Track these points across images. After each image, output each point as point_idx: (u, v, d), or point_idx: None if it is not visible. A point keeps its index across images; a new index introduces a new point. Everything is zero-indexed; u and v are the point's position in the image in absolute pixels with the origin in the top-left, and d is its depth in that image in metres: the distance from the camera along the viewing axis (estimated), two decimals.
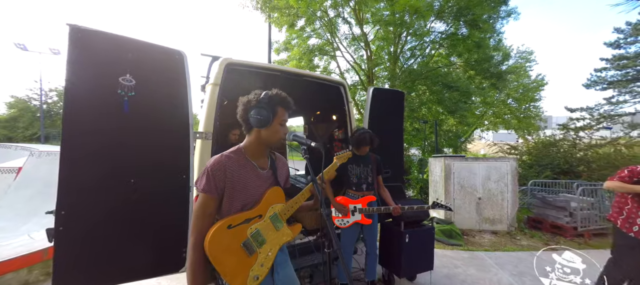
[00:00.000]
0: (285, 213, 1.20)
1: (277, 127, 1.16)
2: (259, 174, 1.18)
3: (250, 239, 1.10)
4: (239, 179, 1.11)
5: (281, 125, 1.17)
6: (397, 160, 3.23)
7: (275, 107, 1.16)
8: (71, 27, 1.63)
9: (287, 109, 1.19)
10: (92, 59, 1.69)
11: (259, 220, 1.14)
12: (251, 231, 1.11)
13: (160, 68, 1.90)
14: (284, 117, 1.18)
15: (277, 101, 1.16)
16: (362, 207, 2.32)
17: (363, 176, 2.39)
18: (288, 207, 1.21)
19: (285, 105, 1.18)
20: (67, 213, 1.62)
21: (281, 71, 2.65)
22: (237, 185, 1.11)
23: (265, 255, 1.13)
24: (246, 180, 1.13)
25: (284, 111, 1.18)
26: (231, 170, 1.10)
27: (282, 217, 1.19)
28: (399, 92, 3.29)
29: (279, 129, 1.16)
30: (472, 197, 5.01)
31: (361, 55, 10.27)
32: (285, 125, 1.19)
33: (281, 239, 1.19)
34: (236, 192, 1.10)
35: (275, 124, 1.15)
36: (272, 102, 1.15)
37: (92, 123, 1.69)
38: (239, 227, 1.09)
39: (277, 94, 1.16)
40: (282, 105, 1.17)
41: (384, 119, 3.01)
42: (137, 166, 1.81)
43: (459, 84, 8.69)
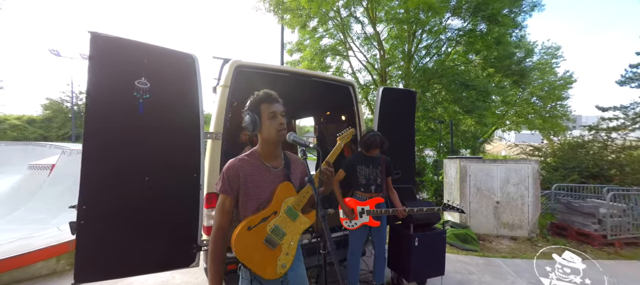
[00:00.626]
0: (298, 203, 1.25)
1: (268, 123, 1.20)
2: (271, 173, 1.23)
3: (271, 235, 1.17)
4: (252, 179, 1.19)
5: (271, 119, 1.20)
6: (408, 161, 3.16)
7: (258, 107, 1.21)
8: (92, 35, 1.74)
9: (270, 102, 1.22)
10: (111, 64, 1.79)
11: (275, 217, 1.20)
12: (270, 227, 1.18)
13: (173, 71, 1.98)
14: (269, 110, 1.20)
15: (258, 100, 1.21)
16: (370, 208, 2.29)
17: (372, 177, 2.36)
18: (300, 197, 1.26)
19: (266, 99, 1.22)
20: (88, 208, 1.73)
21: (290, 72, 2.67)
22: (251, 185, 1.18)
23: (289, 245, 1.21)
24: (259, 179, 1.20)
25: (267, 105, 1.21)
26: (245, 171, 1.18)
27: (296, 208, 1.24)
28: (410, 91, 3.22)
29: (271, 124, 1.19)
30: (490, 200, 4.80)
31: (374, 54, 10.14)
32: (277, 116, 1.21)
33: (300, 227, 1.26)
34: (250, 192, 1.18)
35: (264, 121, 1.20)
36: (255, 103, 1.21)
37: (111, 123, 1.80)
38: (258, 227, 1.17)
39: (256, 95, 1.22)
40: (263, 101, 1.21)
41: (395, 119, 2.96)
42: (151, 165, 1.90)
43: (476, 83, 8.35)
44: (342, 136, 1.48)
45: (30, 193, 7.66)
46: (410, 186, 3.00)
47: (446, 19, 8.67)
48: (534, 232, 4.71)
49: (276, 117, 1.20)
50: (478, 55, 9.45)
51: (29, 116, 22.89)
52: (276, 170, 1.25)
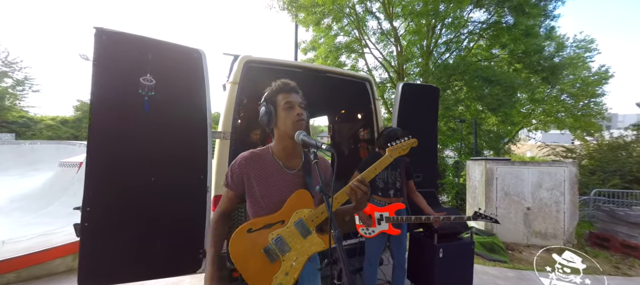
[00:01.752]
0: (313, 219, 1.05)
1: (283, 114, 1.05)
2: (284, 174, 1.08)
3: (272, 245, 1.02)
4: (259, 176, 1.07)
5: (287, 110, 1.05)
6: (430, 164, 2.91)
7: (275, 97, 1.08)
8: (97, 30, 1.67)
9: (287, 91, 1.08)
10: (115, 60, 1.72)
11: (281, 226, 1.04)
12: (272, 237, 1.03)
13: (179, 67, 1.89)
14: (287, 99, 1.06)
15: (274, 90, 1.08)
16: (389, 215, 2.09)
17: (390, 181, 2.15)
18: (317, 212, 1.06)
19: (284, 89, 1.08)
20: (92, 209, 1.66)
21: (302, 68, 2.52)
22: (256, 183, 1.06)
23: (290, 265, 1.02)
24: (267, 179, 1.07)
25: (284, 95, 1.07)
26: (252, 167, 1.07)
27: (310, 224, 1.05)
28: (432, 87, 2.97)
29: (287, 115, 1.05)
30: (519, 206, 4.40)
31: (391, 51, 9.80)
32: (294, 107, 1.06)
33: (310, 249, 1.05)
34: (255, 191, 1.06)
35: (280, 112, 1.06)
36: (272, 94, 1.09)
37: (115, 122, 1.73)
38: (259, 232, 1.03)
39: (273, 85, 1.10)
40: (280, 91, 1.08)
41: (416, 117, 2.72)
42: (157, 166, 1.81)
43: (501, 78, 7.78)
44: (393, 148, 1.13)
45: (63, 188, 8.13)
46: (432, 190, 2.75)
47: (468, 12, 8.17)
48: (571, 242, 4.26)
49: (293, 108, 1.05)
50: (503, 49, 8.85)
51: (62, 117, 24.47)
52: (291, 172, 1.09)
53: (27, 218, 6.31)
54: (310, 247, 1.05)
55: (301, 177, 1.11)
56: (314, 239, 1.06)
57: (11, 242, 3.06)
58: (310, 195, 1.09)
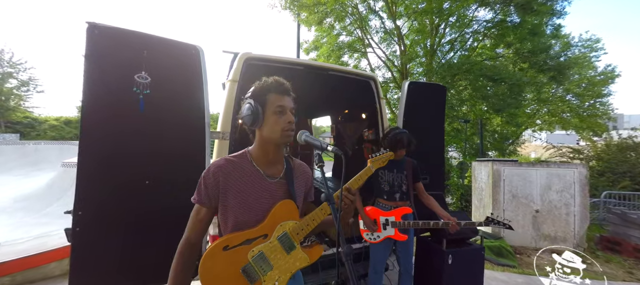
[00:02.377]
0: (298, 232, 0.97)
1: (273, 118, 0.93)
2: (265, 183, 0.96)
3: (252, 264, 0.91)
4: (237, 188, 0.93)
5: (277, 114, 0.93)
6: (437, 165, 2.81)
7: (265, 96, 0.94)
8: (89, 25, 1.60)
9: (280, 93, 0.95)
10: (108, 57, 1.64)
11: (264, 241, 0.93)
12: (253, 254, 0.91)
13: (175, 64, 1.81)
14: (279, 102, 0.94)
15: (265, 88, 0.95)
16: (395, 220, 1.99)
17: (396, 183, 2.06)
18: (303, 224, 0.97)
19: (276, 89, 0.95)
20: (84, 214, 1.59)
21: (304, 65, 2.43)
22: (234, 195, 0.92)
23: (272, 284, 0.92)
24: (246, 190, 0.94)
25: (277, 97, 0.94)
26: (229, 177, 0.93)
27: (294, 238, 0.96)
28: (439, 86, 2.87)
29: (277, 120, 0.93)
30: (528, 209, 4.27)
31: (394, 50, 9.69)
32: (286, 112, 0.94)
33: (294, 265, 0.96)
34: (232, 204, 0.92)
35: (268, 116, 0.93)
36: (261, 91, 0.95)
37: (109, 122, 1.65)
38: (238, 249, 0.90)
39: (265, 82, 0.96)
40: (272, 91, 0.95)
41: (422, 117, 2.62)
42: (152, 168, 1.73)
43: (506, 77, 7.63)
44: (374, 159, 1.19)
45: (62, 190, 8.11)
46: (439, 193, 2.64)
47: (473, 11, 8.04)
48: (581, 246, 4.13)
49: (284, 113, 0.93)
50: (509, 48, 8.70)
51: (66, 117, 24.60)
52: (273, 181, 0.98)
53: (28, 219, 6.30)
54: (294, 263, 0.96)
55: (284, 185, 1.00)
56: (298, 254, 0.96)
57: (7, 245, 3.00)
58: (295, 206, 0.98)
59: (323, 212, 1.00)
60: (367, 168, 1.13)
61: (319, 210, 1.01)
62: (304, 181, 1.09)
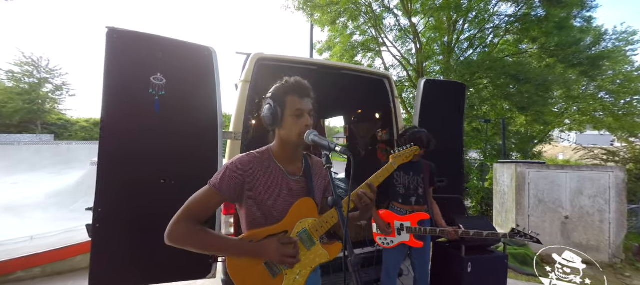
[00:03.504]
0: (317, 229, 0.99)
1: (291, 121, 0.94)
2: (287, 181, 0.99)
3: None
4: (262, 184, 0.96)
5: (296, 117, 0.94)
6: (456, 167, 2.68)
7: (284, 98, 0.95)
8: (109, 29, 1.66)
9: (300, 95, 0.95)
10: (126, 59, 1.70)
11: (285, 236, 0.96)
12: None
13: (189, 66, 1.84)
14: (298, 106, 0.94)
15: (285, 90, 0.95)
16: (411, 225, 1.90)
17: (412, 187, 1.97)
18: (322, 222, 0.99)
19: (296, 91, 0.95)
20: (104, 210, 1.65)
21: (317, 65, 2.40)
22: (260, 192, 0.95)
23: (293, 279, 0.96)
24: (270, 186, 0.97)
25: (296, 99, 0.94)
26: (254, 173, 0.95)
27: (314, 234, 0.98)
28: (458, 84, 2.73)
29: (295, 123, 0.94)
30: (556, 215, 3.99)
31: (409, 49, 9.44)
32: (304, 115, 0.95)
33: (314, 260, 0.99)
34: (258, 201, 0.95)
35: (286, 118, 0.94)
36: (281, 92, 0.95)
37: (126, 123, 1.71)
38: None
39: (286, 82, 0.96)
40: (292, 93, 0.95)
41: (439, 116, 2.51)
42: (167, 168, 1.77)
43: (531, 74, 7.18)
44: (397, 155, 1.13)
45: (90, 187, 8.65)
46: (458, 196, 2.52)
47: (493, 5, 7.66)
48: (618, 257, 3.79)
49: (302, 116, 0.94)
50: (533, 43, 8.20)
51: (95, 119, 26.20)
52: (293, 178, 1.00)
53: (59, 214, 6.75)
54: (315, 259, 0.98)
55: (304, 183, 1.01)
56: (319, 250, 0.99)
57: (39, 238, 3.20)
58: (314, 204, 1.00)
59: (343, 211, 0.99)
60: (389, 164, 1.08)
61: (333, 211, 1.01)
62: (322, 178, 1.11)
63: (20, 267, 2.63)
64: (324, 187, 1.12)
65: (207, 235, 0.90)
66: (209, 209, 0.93)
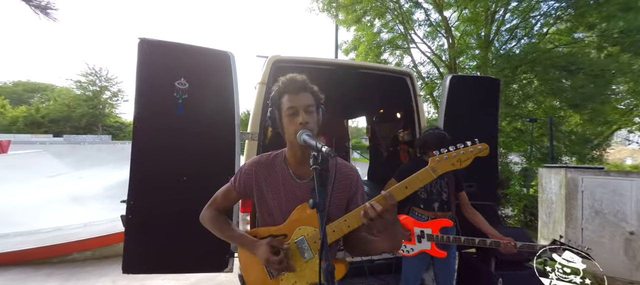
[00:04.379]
0: (316, 240, 0.91)
1: (287, 121, 0.91)
2: (292, 184, 0.97)
3: None
4: (268, 185, 0.98)
5: (290, 116, 0.90)
6: (488, 171, 2.44)
7: (280, 99, 0.93)
8: (140, 40, 1.82)
9: (292, 92, 0.90)
10: (154, 67, 1.85)
11: (284, 241, 0.93)
12: None
13: (209, 70, 1.95)
14: (290, 103, 0.89)
15: (279, 92, 0.93)
16: (432, 232, 1.77)
17: (435, 191, 1.83)
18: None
19: (287, 89, 0.91)
20: (135, 203, 1.81)
21: (333, 64, 2.37)
22: (265, 192, 0.98)
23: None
24: (275, 188, 0.98)
25: (289, 97, 0.90)
26: (262, 174, 0.99)
27: (312, 246, 0.91)
28: (491, 79, 2.50)
29: (290, 122, 0.90)
30: (617, 230, 3.41)
31: (441, 44, 8.87)
32: (298, 113, 0.88)
33: (309, 276, 0.91)
34: (264, 200, 0.99)
35: (283, 119, 0.92)
36: (276, 95, 0.94)
37: (155, 124, 1.86)
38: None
39: (280, 83, 0.94)
40: (284, 92, 0.92)
41: (469, 115, 2.31)
42: (189, 166, 1.89)
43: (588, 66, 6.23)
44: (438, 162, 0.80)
45: None
46: (491, 204, 2.29)
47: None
48: None
49: (297, 115, 0.88)
50: (591, 31, 7.13)
51: None
52: (301, 182, 0.97)
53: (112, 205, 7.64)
54: (311, 274, 0.90)
55: (310, 188, 0.94)
56: (316, 266, 0.88)
57: (92, 225, 3.65)
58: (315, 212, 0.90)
59: (347, 224, 0.87)
60: (426, 169, 0.80)
61: (343, 221, 0.88)
62: (343, 186, 0.97)
63: (75, 250, 3.04)
64: (349, 197, 0.98)
65: (224, 223, 1.04)
66: (229, 202, 1.06)
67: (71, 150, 18.83)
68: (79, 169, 15.99)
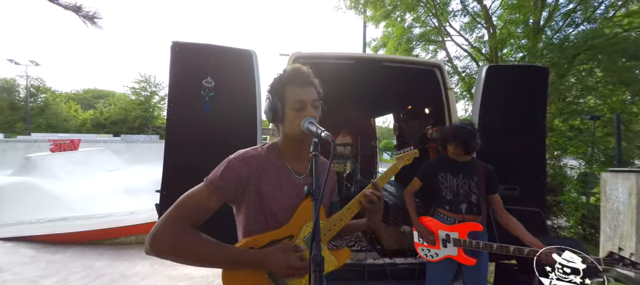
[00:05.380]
0: (325, 233, 0.91)
1: (292, 115, 0.85)
2: (293, 180, 0.90)
3: None
4: (267, 183, 0.86)
5: (296, 110, 0.85)
6: (533, 173, 2.15)
7: (283, 90, 0.87)
8: (173, 43, 1.96)
9: (299, 85, 0.86)
10: (186, 67, 1.98)
11: (290, 242, 0.87)
12: None
13: (233, 68, 2.03)
14: (297, 97, 0.85)
15: (282, 81, 0.88)
16: (459, 237, 1.60)
17: (462, 192, 1.66)
18: (329, 225, 0.92)
19: (294, 80, 0.86)
20: (167, 194, 1.96)
21: (355, 58, 2.29)
22: (264, 191, 0.85)
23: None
24: (276, 186, 0.87)
25: (296, 90, 0.86)
26: (260, 170, 0.86)
27: (322, 239, 0.91)
28: (537, 67, 2.21)
29: (295, 117, 0.85)
30: None
31: (480, 35, 8.15)
32: (306, 107, 0.85)
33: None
34: (261, 202, 0.84)
35: (288, 112, 0.86)
36: (278, 85, 0.88)
37: (185, 121, 1.99)
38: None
39: (283, 73, 0.89)
40: (290, 84, 0.86)
41: (509, 110, 2.06)
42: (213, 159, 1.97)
43: None
44: (400, 156, 1.11)
45: None
46: (537, 210, 2.01)
47: None
48: None
49: (304, 109, 0.84)
50: None
51: None
52: (300, 178, 0.92)
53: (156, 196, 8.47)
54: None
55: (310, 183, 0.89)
56: (326, 257, 0.89)
57: (136, 213, 4.07)
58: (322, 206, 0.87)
59: (350, 212, 0.94)
60: (393, 166, 1.07)
61: (346, 210, 0.94)
62: (330, 179, 1.04)
63: (123, 234, 3.42)
64: (331, 190, 1.05)
65: (202, 242, 0.76)
66: (204, 213, 0.81)
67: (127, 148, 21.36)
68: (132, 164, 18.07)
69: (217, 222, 1.40)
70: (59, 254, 3.24)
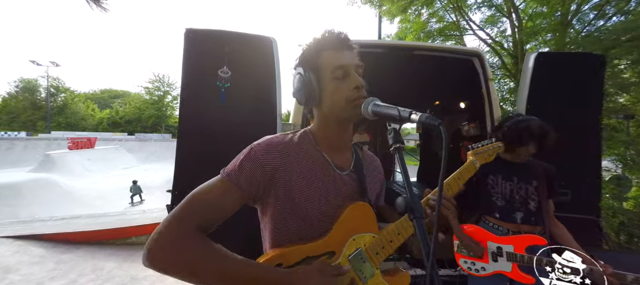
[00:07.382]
0: (378, 251, 0.68)
1: (333, 86, 0.66)
2: (334, 175, 0.70)
3: None
4: (300, 178, 0.66)
5: (339, 80, 0.65)
6: (586, 175, 1.90)
7: (317, 59, 0.67)
8: (186, 30, 1.82)
9: (337, 48, 0.67)
10: (200, 56, 1.83)
11: (329, 261, 0.66)
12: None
13: (251, 56, 1.87)
14: (337, 62, 0.65)
15: (316, 49, 0.67)
16: (514, 251, 1.37)
17: (518, 198, 1.42)
18: (384, 240, 0.68)
19: (332, 44, 0.67)
20: (179, 194, 1.81)
21: (385, 46, 2.08)
22: (296, 189, 0.66)
23: None
24: (311, 182, 0.67)
25: (333, 54, 0.66)
26: (290, 161, 0.67)
27: (373, 259, 0.68)
28: (592, 55, 1.94)
29: (338, 87, 0.65)
30: None
31: (502, 29, 7.75)
32: (350, 73, 0.66)
33: None
34: (293, 202, 0.66)
35: (326, 84, 0.66)
36: (311, 54, 0.68)
37: (199, 114, 1.85)
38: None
39: (314, 40, 0.69)
40: (325, 49, 0.67)
41: (560, 102, 1.81)
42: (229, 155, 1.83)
43: None
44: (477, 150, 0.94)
45: None
46: (593, 218, 1.76)
47: None
48: None
49: (348, 75, 0.65)
50: None
51: None
52: (343, 174, 0.71)
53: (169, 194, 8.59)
54: None
55: (355, 181, 0.71)
56: (379, 282, 0.67)
57: (148, 212, 4.00)
58: (373, 212, 0.69)
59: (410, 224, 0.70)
60: (469, 163, 0.89)
61: (405, 221, 0.70)
62: (377, 177, 0.82)
63: (134, 234, 3.33)
64: (378, 192, 0.83)
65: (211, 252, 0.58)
66: (219, 212, 0.63)
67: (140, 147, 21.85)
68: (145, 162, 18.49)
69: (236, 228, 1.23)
70: (69, 253, 3.20)
